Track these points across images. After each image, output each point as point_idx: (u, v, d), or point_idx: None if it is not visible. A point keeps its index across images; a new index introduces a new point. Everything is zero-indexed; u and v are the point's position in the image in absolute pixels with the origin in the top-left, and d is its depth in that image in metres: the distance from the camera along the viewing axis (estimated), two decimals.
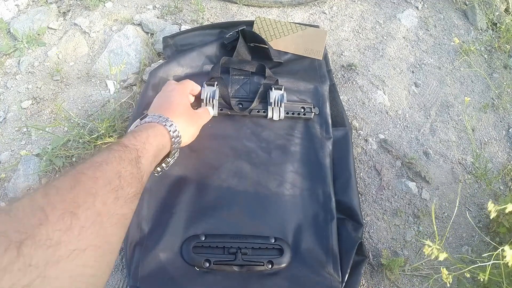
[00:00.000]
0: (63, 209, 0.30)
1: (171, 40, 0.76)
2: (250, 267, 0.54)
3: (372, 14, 0.91)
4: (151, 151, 0.44)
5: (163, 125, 0.48)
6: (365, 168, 0.70)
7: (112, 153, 0.38)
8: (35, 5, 0.88)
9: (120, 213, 0.36)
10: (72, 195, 0.31)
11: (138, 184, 0.40)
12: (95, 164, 0.36)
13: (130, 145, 0.41)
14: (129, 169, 0.38)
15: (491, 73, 0.86)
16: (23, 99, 0.75)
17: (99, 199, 0.33)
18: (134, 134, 0.43)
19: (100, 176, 0.35)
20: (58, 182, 0.33)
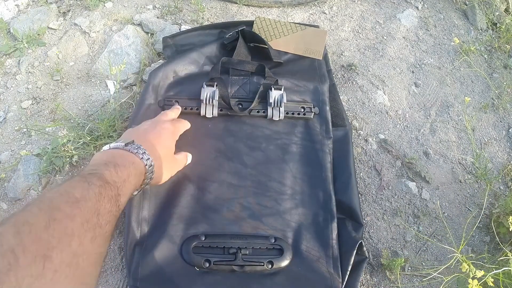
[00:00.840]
0: (35, 251, 0.27)
1: (171, 40, 0.76)
2: (250, 267, 0.54)
3: (372, 14, 0.91)
4: (130, 189, 0.42)
5: (144, 164, 0.46)
6: (365, 168, 0.70)
7: (92, 189, 0.36)
8: (35, 5, 0.88)
9: (98, 252, 0.34)
10: (47, 235, 0.29)
11: (115, 221, 0.38)
12: (73, 199, 0.33)
13: (111, 181, 0.39)
14: (108, 206, 0.36)
15: (491, 73, 0.86)
16: (23, 99, 0.75)
17: (75, 239, 0.31)
18: (116, 168, 0.41)
19: (77, 213, 0.32)
20: (31, 217, 0.30)
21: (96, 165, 0.41)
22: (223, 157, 0.62)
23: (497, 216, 0.65)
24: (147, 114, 0.64)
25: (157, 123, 0.55)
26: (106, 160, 0.42)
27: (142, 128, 0.53)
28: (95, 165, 0.41)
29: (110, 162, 0.41)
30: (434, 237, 0.65)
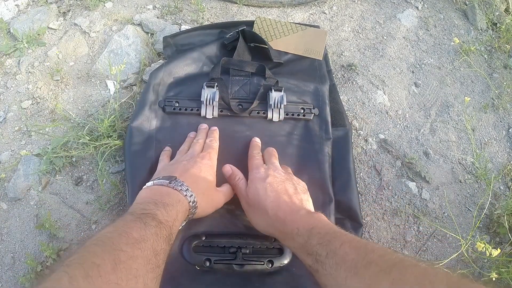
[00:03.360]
0: None
1: (171, 40, 0.76)
2: (250, 266, 0.54)
3: (372, 14, 0.91)
4: (178, 227, 0.44)
5: (188, 201, 0.47)
6: (365, 168, 0.71)
7: (149, 229, 0.37)
8: (35, 5, 0.88)
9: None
10: (115, 277, 0.29)
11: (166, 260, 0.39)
12: (133, 241, 0.34)
13: (164, 222, 0.40)
14: (163, 246, 0.38)
15: (491, 73, 0.86)
16: (23, 99, 0.75)
17: (140, 281, 0.32)
18: (166, 208, 0.42)
19: (139, 255, 0.33)
20: (97, 258, 0.30)
21: (145, 203, 0.42)
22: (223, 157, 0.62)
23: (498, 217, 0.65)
24: (147, 114, 0.64)
25: (195, 158, 0.55)
26: (155, 199, 0.43)
27: (182, 164, 0.53)
28: (145, 203, 0.42)
29: (159, 202, 0.43)
30: (434, 237, 0.65)
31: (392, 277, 0.32)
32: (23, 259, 0.60)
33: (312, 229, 0.43)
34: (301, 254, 0.44)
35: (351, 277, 0.36)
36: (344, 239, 0.40)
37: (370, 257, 0.36)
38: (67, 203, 0.64)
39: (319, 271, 0.40)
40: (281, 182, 0.52)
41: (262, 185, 0.52)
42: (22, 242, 0.62)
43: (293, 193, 0.51)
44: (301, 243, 0.43)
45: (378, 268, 0.34)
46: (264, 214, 0.50)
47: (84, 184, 0.66)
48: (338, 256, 0.38)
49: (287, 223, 0.47)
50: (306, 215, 0.47)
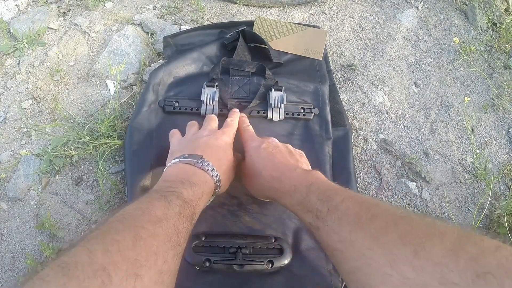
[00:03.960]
0: (126, 270, 0.28)
1: (171, 40, 0.76)
2: (250, 266, 0.53)
3: (372, 14, 0.91)
4: (202, 206, 0.44)
5: (214, 182, 0.47)
6: (365, 168, 0.70)
7: (173, 208, 0.37)
8: (35, 5, 0.88)
9: (177, 269, 0.35)
10: (135, 253, 0.29)
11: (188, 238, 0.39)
12: (155, 218, 0.34)
13: (188, 201, 0.40)
14: (186, 225, 0.38)
15: (491, 73, 0.86)
16: (23, 99, 0.75)
17: (160, 257, 0.32)
18: (193, 187, 0.42)
19: (160, 232, 0.33)
20: (117, 235, 0.30)
21: (172, 181, 0.42)
22: None
23: (498, 217, 0.65)
24: (147, 114, 0.64)
25: (215, 134, 0.54)
26: (182, 178, 0.43)
27: (202, 140, 0.52)
28: (171, 181, 0.43)
29: (186, 181, 0.43)
30: None
31: (400, 229, 0.31)
32: (23, 259, 0.60)
33: (311, 186, 0.42)
34: (300, 212, 0.42)
35: (355, 231, 0.34)
36: (346, 194, 0.39)
37: (375, 211, 0.35)
38: (67, 203, 0.64)
39: (320, 228, 0.38)
40: (275, 146, 0.53)
41: (257, 150, 0.52)
42: (22, 242, 0.62)
43: (287, 154, 0.51)
44: (299, 200, 0.42)
45: (384, 220, 0.33)
46: (259, 176, 0.50)
47: (84, 184, 0.66)
48: (340, 211, 0.37)
49: (283, 181, 0.46)
50: (303, 173, 0.46)
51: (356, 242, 0.34)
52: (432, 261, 0.28)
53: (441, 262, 0.27)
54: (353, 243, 0.34)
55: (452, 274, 0.26)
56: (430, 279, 0.27)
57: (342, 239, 0.36)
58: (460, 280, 0.26)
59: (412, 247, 0.29)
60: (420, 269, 0.28)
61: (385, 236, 0.32)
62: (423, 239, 0.29)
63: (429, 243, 0.29)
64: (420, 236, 0.30)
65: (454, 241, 0.28)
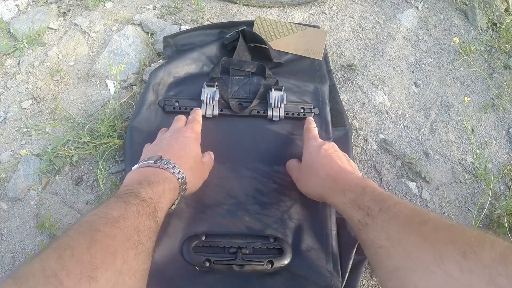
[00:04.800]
0: (79, 273, 0.27)
1: (171, 40, 0.76)
2: (250, 266, 0.54)
3: (372, 14, 0.91)
4: (166, 204, 0.43)
5: (177, 178, 0.46)
6: (365, 168, 0.70)
7: (130, 207, 0.36)
8: (35, 5, 0.88)
9: (142, 268, 0.34)
10: (89, 256, 0.29)
11: (155, 237, 0.39)
12: (112, 220, 0.34)
13: (147, 199, 0.39)
14: (147, 223, 0.37)
15: (491, 73, 0.86)
16: (23, 99, 0.75)
17: (119, 257, 0.31)
18: (151, 186, 0.42)
19: (117, 233, 0.33)
20: (72, 241, 0.30)
21: (130, 185, 0.42)
22: (223, 156, 0.62)
23: (498, 217, 0.65)
24: (147, 114, 0.64)
25: (177, 132, 0.54)
26: (139, 179, 0.43)
27: (165, 142, 0.52)
28: (129, 185, 0.42)
29: (143, 181, 0.42)
30: None
31: (451, 233, 0.32)
32: (23, 259, 0.60)
33: (366, 187, 0.44)
34: (351, 209, 0.43)
35: (405, 231, 0.35)
36: (398, 200, 0.40)
37: (427, 216, 0.36)
38: (67, 203, 0.64)
39: (368, 225, 0.39)
40: (335, 151, 0.54)
41: (317, 149, 0.53)
42: (22, 242, 0.62)
43: (346, 161, 0.53)
44: (353, 198, 0.43)
45: (435, 225, 0.34)
46: (315, 174, 0.51)
47: (84, 184, 0.66)
48: (391, 212, 0.38)
49: (339, 181, 0.47)
50: (358, 177, 0.48)
51: (404, 240, 0.34)
52: (481, 263, 0.28)
53: (490, 265, 0.28)
54: (400, 241, 0.35)
55: (501, 278, 0.27)
56: (477, 280, 0.28)
57: (389, 237, 0.36)
58: (509, 284, 0.26)
59: (462, 248, 0.30)
60: (468, 269, 0.28)
61: (435, 237, 0.32)
62: (474, 243, 0.30)
63: (479, 248, 0.29)
64: (470, 241, 0.30)
65: (505, 248, 0.29)
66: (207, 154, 0.58)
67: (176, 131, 0.55)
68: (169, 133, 0.55)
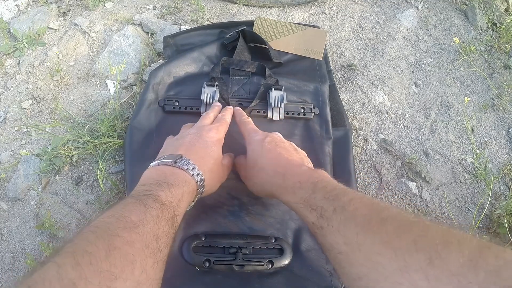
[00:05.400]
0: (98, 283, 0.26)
1: (171, 40, 0.76)
2: (250, 266, 0.53)
3: (372, 14, 0.91)
4: (184, 208, 0.42)
5: (196, 181, 0.44)
6: (365, 168, 0.70)
7: (149, 212, 0.35)
8: (35, 5, 0.88)
9: (159, 277, 0.33)
10: (108, 265, 0.27)
11: (171, 243, 0.37)
12: (131, 225, 0.32)
13: (167, 203, 0.38)
14: (166, 229, 0.35)
15: (491, 73, 0.86)
16: (23, 99, 0.75)
17: (138, 267, 0.29)
18: (171, 188, 0.40)
19: (136, 239, 0.31)
20: (89, 246, 0.28)
21: (148, 184, 0.40)
22: None
23: (498, 217, 0.65)
24: (147, 113, 0.64)
25: (201, 131, 0.51)
26: (159, 180, 0.41)
27: (187, 139, 0.50)
28: (148, 184, 0.40)
29: (163, 182, 0.40)
30: None
31: (414, 234, 0.29)
32: (23, 259, 0.60)
33: (317, 183, 0.40)
34: (302, 210, 0.40)
35: (364, 233, 0.32)
36: (354, 195, 0.36)
37: (386, 214, 0.33)
38: (67, 203, 0.64)
39: (323, 228, 0.36)
40: (280, 142, 0.50)
41: (260, 144, 0.49)
42: (22, 242, 0.62)
43: (293, 151, 0.49)
44: (304, 197, 0.40)
45: (396, 224, 0.31)
46: (262, 172, 0.48)
47: (84, 184, 0.66)
48: (347, 211, 0.35)
49: (287, 177, 0.44)
50: (308, 170, 0.44)
51: (364, 245, 0.32)
52: (448, 271, 0.26)
53: (458, 272, 0.25)
54: (360, 247, 0.32)
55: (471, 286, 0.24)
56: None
57: (347, 242, 0.33)
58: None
59: (427, 254, 0.27)
60: (434, 279, 0.26)
61: (397, 240, 0.30)
62: (439, 246, 0.27)
63: (445, 251, 0.27)
64: (435, 243, 0.28)
65: (474, 251, 0.26)
66: (227, 156, 0.55)
67: (201, 129, 0.52)
68: (193, 129, 0.52)
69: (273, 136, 0.52)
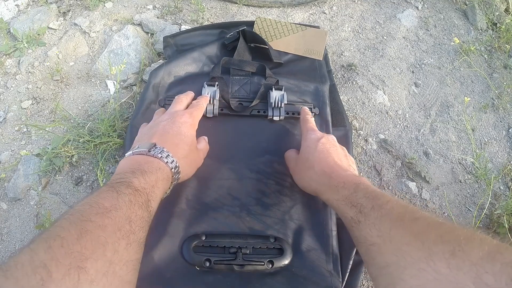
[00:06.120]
0: (68, 264, 0.27)
1: (171, 40, 0.76)
2: (250, 266, 0.53)
3: (372, 14, 0.91)
4: (159, 194, 0.43)
5: (170, 168, 0.46)
6: (365, 168, 0.70)
7: (122, 197, 0.36)
8: (35, 5, 0.88)
9: (134, 258, 0.34)
10: (79, 247, 0.29)
11: (147, 227, 0.38)
12: (103, 210, 0.33)
13: (140, 188, 0.39)
14: (139, 213, 0.37)
15: (491, 73, 0.86)
16: (23, 99, 0.75)
17: (109, 248, 0.31)
18: (144, 175, 0.41)
19: (108, 223, 0.32)
20: (62, 231, 0.29)
21: (122, 173, 0.41)
22: (223, 156, 0.62)
23: (498, 217, 0.65)
24: (147, 114, 0.64)
25: (174, 117, 0.52)
26: (133, 168, 0.42)
27: (160, 126, 0.51)
28: (122, 173, 0.41)
29: (137, 170, 0.42)
30: None
31: (441, 231, 0.32)
32: None
33: (359, 184, 0.44)
34: (344, 206, 0.43)
35: (396, 228, 0.35)
36: (391, 198, 0.40)
37: (418, 214, 0.36)
38: (67, 203, 0.64)
39: (361, 222, 0.40)
40: (333, 146, 0.53)
41: (315, 143, 0.53)
42: (22, 242, 0.62)
43: (343, 157, 0.52)
44: (346, 195, 0.44)
45: (426, 222, 0.34)
46: (310, 169, 0.51)
47: (84, 184, 0.66)
48: (384, 209, 0.38)
49: (333, 177, 0.47)
50: (352, 175, 0.48)
51: (395, 237, 0.35)
52: (469, 261, 0.29)
53: (477, 263, 0.28)
54: (392, 238, 0.35)
55: (487, 276, 0.27)
56: (464, 278, 0.28)
57: (381, 234, 0.37)
58: (495, 282, 0.26)
59: (451, 246, 0.30)
60: (456, 267, 0.29)
61: (425, 234, 0.33)
62: (463, 241, 0.30)
63: (468, 245, 0.30)
64: (459, 238, 0.31)
65: (493, 247, 0.29)
66: (202, 140, 0.57)
67: (173, 115, 0.53)
68: (166, 115, 0.53)
69: (328, 138, 0.54)
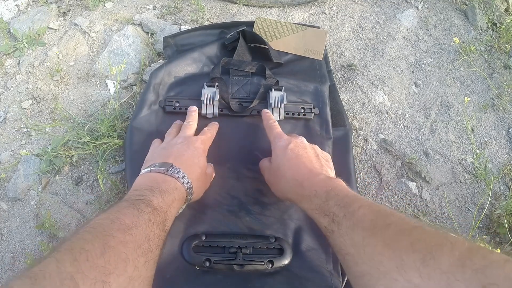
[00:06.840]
0: (94, 278, 0.28)
1: (171, 40, 0.76)
2: (250, 266, 0.54)
3: (372, 14, 0.91)
4: (174, 213, 0.45)
5: (185, 189, 0.48)
6: (365, 168, 0.71)
7: (142, 215, 0.38)
8: (35, 5, 0.88)
9: (150, 275, 0.36)
10: (103, 261, 0.30)
11: (162, 245, 0.40)
12: (124, 227, 0.35)
13: (158, 208, 0.41)
14: (157, 232, 0.39)
15: (491, 73, 0.86)
16: (23, 99, 0.75)
17: (130, 264, 0.32)
18: (162, 195, 0.43)
19: (130, 240, 0.34)
20: (86, 244, 0.31)
21: (141, 190, 0.43)
22: (223, 157, 0.62)
23: (498, 217, 0.65)
24: (147, 114, 0.64)
25: (188, 141, 0.55)
26: (151, 186, 0.44)
27: (175, 148, 0.53)
28: (141, 190, 0.43)
29: (155, 188, 0.44)
30: None
31: (412, 237, 0.32)
32: (23, 259, 0.60)
33: (330, 191, 0.44)
34: (317, 215, 0.44)
35: (368, 237, 0.35)
36: (363, 202, 0.40)
37: (390, 219, 0.36)
38: (67, 203, 0.64)
39: (334, 232, 0.40)
40: (302, 148, 0.53)
41: (283, 150, 0.52)
42: (22, 242, 0.62)
43: (314, 158, 0.52)
44: (318, 204, 0.44)
45: (398, 229, 0.34)
46: (282, 178, 0.51)
47: (84, 184, 0.66)
48: (355, 217, 0.38)
49: (305, 186, 0.47)
50: (324, 179, 0.47)
51: (368, 247, 0.35)
52: (439, 269, 0.28)
53: (448, 271, 0.28)
54: (365, 248, 0.35)
55: (458, 284, 0.27)
56: (435, 286, 0.28)
57: (354, 244, 0.37)
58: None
59: (421, 254, 0.30)
60: (427, 276, 0.29)
61: (397, 242, 0.33)
62: (433, 248, 0.30)
63: (438, 252, 0.29)
64: (430, 245, 0.31)
65: (463, 252, 0.29)
66: (209, 166, 0.59)
67: (187, 139, 0.55)
68: (180, 139, 0.56)
69: (296, 142, 0.54)
